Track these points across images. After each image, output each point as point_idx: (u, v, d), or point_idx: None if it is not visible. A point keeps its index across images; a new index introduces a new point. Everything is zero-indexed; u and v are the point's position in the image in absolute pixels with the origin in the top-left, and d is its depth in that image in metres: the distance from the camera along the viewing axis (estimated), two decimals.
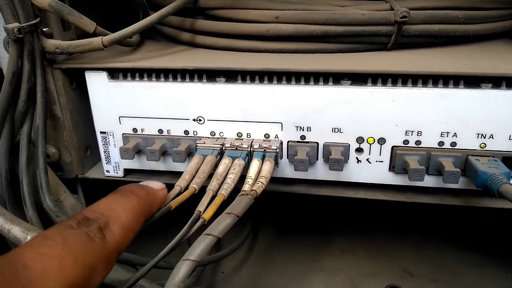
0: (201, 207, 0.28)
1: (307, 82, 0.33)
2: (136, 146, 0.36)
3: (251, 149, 0.34)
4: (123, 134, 0.37)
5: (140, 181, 0.38)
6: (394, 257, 0.48)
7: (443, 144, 0.33)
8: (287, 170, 0.36)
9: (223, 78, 0.34)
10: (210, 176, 0.31)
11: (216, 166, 0.33)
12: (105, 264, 0.21)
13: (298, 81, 0.33)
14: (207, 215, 0.27)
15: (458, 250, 0.48)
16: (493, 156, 0.32)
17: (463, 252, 0.48)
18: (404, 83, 0.32)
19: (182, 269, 0.23)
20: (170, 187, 0.30)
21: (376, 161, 0.34)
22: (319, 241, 0.51)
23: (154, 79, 0.35)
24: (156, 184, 0.28)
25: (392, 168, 0.34)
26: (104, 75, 0.35)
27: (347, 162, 0.34)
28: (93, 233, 0.21)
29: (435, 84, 0.31)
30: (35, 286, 0.17)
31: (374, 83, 0.32)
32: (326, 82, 0.33)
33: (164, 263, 0.33)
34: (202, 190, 0.30)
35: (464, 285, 0.44)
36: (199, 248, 0.24)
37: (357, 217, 0.54)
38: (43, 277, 0.17)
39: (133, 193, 0.25)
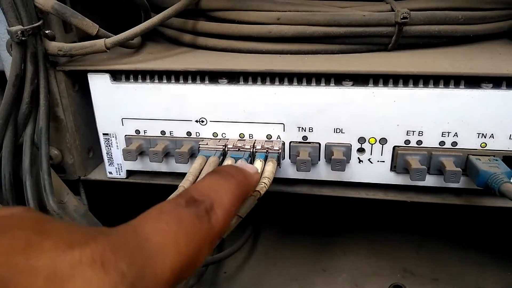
0: None
1: (309, 83, 0.33)
2: (139, 147, 0.36)
3: (254, 150, 0.34)
4: (125, 135, 0.37)
5: (143, 183, 0.39)
6: (395, 257, 0.48)
7: (444, 144, 0.33)
8: (289, 171, 0.36)
9: (225, 80, 0.34)
10: None
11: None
12: (209, 246, 0.21)
13: (300, 82, 0.33)
14: None
15: (459, 249, 0.49)
16: (494, 156, 0.32)
17: (464, 251, 0.48)
18: (405, 84, 0.32)
19: None
20: (173, 188, 0.30)
21: (378, 161, 0.34)
22: (320, 241, 0.51)
23: (157, 81, 0.35)
24: (252, 168, 0.28)
25: (393, 168, 0.34)
26: (106, 77, 0.35)
27: (349, 162, 0.35)
28: (201, 214, 0.20)
29: (436, 85, 0.32)
30: (155, 259, 0.17)
31: (376, 83, 0.32)
32: (327, 83, 0.33)
33: None
34: None
35: (465, 284, 0.44)
36: None
37: (358, 217, 0.54)
38: (161, 252, 0.17)
39: (233, 176, 0.25)
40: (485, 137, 0.32)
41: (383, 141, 0.34)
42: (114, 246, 0.15)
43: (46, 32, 0.34)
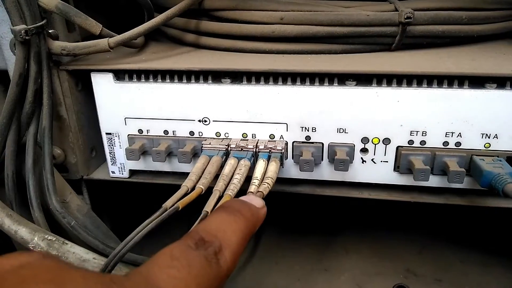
0: (208, 207, 0.28)
1: (312, 82, 0.33)
2: (141, 147, 0.36)
3: (257, 149, 0.34)
4: (128, 135, 0.37)
5: (145, 183, 0.39)
6: (397, 257, 0.48)
7: (448, 144, 0.33)
8: (292, 171, 0.36)
9: (228, 79, 0.34)
10: (216, 176, 0.32)
11: (222, 166, 0.33)
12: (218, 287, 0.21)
13: (303, 82, 0.33)
14: None
15: (462, 249, 0.48)
16: (498, 156, 0.32)
17: (467, 251, 0.48)
18: (409, 84, 0.32)
19: None
20: (176, 188, 0.30)
21: (381, 161, 0.34)
22: (323, 241, 0.51)
23: (160, 80, 0.35)
24: (259, 202, 0.28)
25: (397, 168, 0.34)
26: (110, 76, 0.35)
27: (352, 163, 0.35)
28: (210, 257, 0.21)
29: (440, 85, 0.32)
30: None
31: (379, 83, 0.32)
32: (331, 82, 0.33)
33: None
34: (209, 190, 0.30)
35: (468, 285, 0.44)
36: None
37: (361, 217, 0.54)
38: None
39: (241, 214, 0.25)
40: (489, 138, 0.32)
41: (386, 141, 0.34)
42: None
43: (50, 31, 0.34)
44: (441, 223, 0.52)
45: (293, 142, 0.35)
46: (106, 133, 0.38)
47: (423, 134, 0.33)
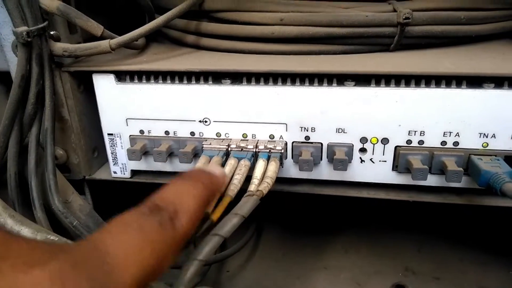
0: (208, 208, 0.28)
1: (311, 83, 0.33)
2: (143, 147, 0.37)
3: (257, 149, 0.34)
4: (130, 135, 0.37)
5: (147, 183, 0.39)
6: (396, 256, 0.48)
7: (446, 144, 0.33)
8: (292, 170, 0.37)
9: (229, 80, 0.34)
10: None
11: (222, 166, 0.33)
12: (174, 252, 0.21)
13: (302, 82, 0.34)
14: (214, 216, 0.28)
15: (461, 248, 0.49)
16: (496, 155, 0.33)
17: (466, 250, 0.48)
18: (407, 84, 0.32)
19: (190, 269, 0.24)
20: None
21: (380, 161, 0.35)
22: (322, 240, 0.51)
23: (161, 81, 0.35)
24: (220, 171, 0.28)
25: (395, 167, 0.35)
26: (111, 77, 0.35)
27: (351, 162, 0.35)
28: (165, 222, 0.21)
29: (438, 85, 0.32)
30: (117, 273, 0.17)
31: (378, 84, 0.33)
32: (330, 83, 0.33)
33: None
34: None
35: (467, 283, 0.45)
36: (206, 248, 0.25)
37: (360, 216, 0.54)
38: (124, 264, 0.17)
39: (199, 181, 0.25)
40: (486, 137, 0.32)
41: (385, 141, 0.34)
42: (75, 263, 0.16)
43: (51, 33, 0.34)
44: (439, 222, 0.53)
45: (292, 142, 0.35)
46: (108, 134, 0.38)
47: (421, 134, 0.33)
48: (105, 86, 0.36)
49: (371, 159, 0.35)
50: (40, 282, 0.14)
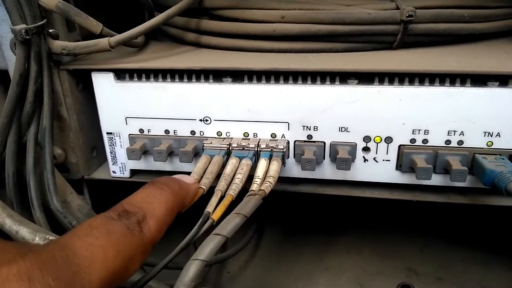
0: (210, 207, 0.28)
1: (313, 81, 0.33)
2: (142, 146, 0.36)
3: (258, 149, 0.34)
4: (129, 134, 0.37)
5: (147, 182, 0.39)
6: (399, 256, 0.48)
7: (450, 143, 0.33)
8: (294, 170, 0.36)
9: (230, 78, 0.34)
10: (218, 176, 0.31)
11: (223, 166, 0.33)
12: (142, 255, 0.22)
13: (304, 81, 0.33)
14: (216, 215, 0.27)
15: (463, 248, 0.48)
16: (500, 154, 0.32)
17: (468, 250, 0.48)
18: (411, 82, 0.32)
19: (191, 269, 0.23)
20: None
21: (383, 160, 0.34)
22: (324, 240, 0.51)
23: (161, 80, 0.35)
24: (189, 179, 0.29)
25: (399, 167, 0.34)
26: (110, 76, 0.35)
27: (354, 161, 0.34)
28: (132, 226, 0.22)
29: (442, 83, 0.31)
30: (83, 274, 0.18)
31: (381, 82, 0.32)
32: (332, 81, 0.33)
33: (171, 263, 0.33)
34: (210, 190, 0.30)
35: (469, 283, 0.44)
36: (208, 248, 0.24)
37: (362, 216, 0.54)
38: (90, 266, 0.18)
39: (168, 187, 0.26)
40: (491, 136, 0.32)
41: (388, 140, 0.33)
42: (42, 263, 0.16)
43: (50, 31, 0.34)
44: (442, 222, 0.52)
45: (294, 141, 0.35)
46: (107, 133, 0.37)
47: (425, 133, 0.33)
48: (104, 85, 0.35)
49: (374, 158, 0.34)
50: (7, 279, 0.15)
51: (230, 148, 0.34)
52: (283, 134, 0.35)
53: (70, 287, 0.17)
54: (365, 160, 0.35)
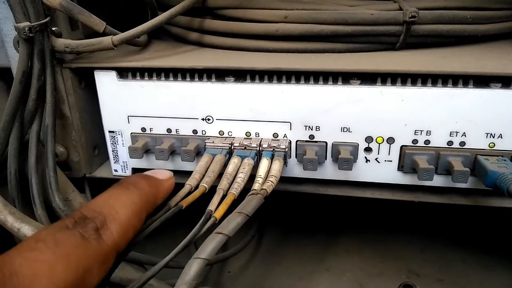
0: (212, 206, 0.28)
1: (316, 81, 0.33)
2: (144, 145, 0.36)
3: (260, 148, 0.34)
4: (131, 133, 0.37)
5: None
6: (399, 257, 0.48)
7: (452, 144, 0.33)
8: (296, 170, 0.36)
9: (232, 78, 0.34)
10: (220, 175, 0.31)
11: (225, 165, 0.33)
12: (101, 265, 0.20)
13: (307, 81, 0.33)
14: (218, 214, 0.27)
15: (464, 249, 0.48)
16: (502, 156, 0.32)
17: (469, 251, 0.48)
18: (414, 83, 0.32)
19: (193, 267, 0.23)
20: (179, 186, 0.30)
21: (385, 160, 0.34)
22: (325, 241, 0.51)
23: (163, 79, 0.35)
24: (163, 174, 0.27)
25: (401, 167, 0.34)
26: (113, 74, 0.35)
27: (356, 162, 0.34)
28: (88, 233, 0.20)
29: (445, 84, 0.31)
30: None
31: (384, 82, 0.32)
32: (335, 81, 0.33)
33: (172, 262, 0.33)
34: (212, 189, 0.30)
35: (470, 285, 0.44)
36: (210, 247, 0.24)
37: (362, 217, 0.54)
38: (32, 285, 0.16)
39: (135, 186, 0.24)
40: (493, 137, 0.32)
41: (390, 140, 0.33)
42: None
43: (53, 29, 0.34)
44: (442, 223, 0.52)
45: (296, 141, 0.35)
46: (109, 131, 0.37)
47: (428, 134, 0.33)
48: (106, 83, 0.35)
49: (376, 159, 0.34)
50: None
51: (232, 147, 0.34)
52: (285, 134, 0.35)
53: None
54: (367, 160, 0.35)
